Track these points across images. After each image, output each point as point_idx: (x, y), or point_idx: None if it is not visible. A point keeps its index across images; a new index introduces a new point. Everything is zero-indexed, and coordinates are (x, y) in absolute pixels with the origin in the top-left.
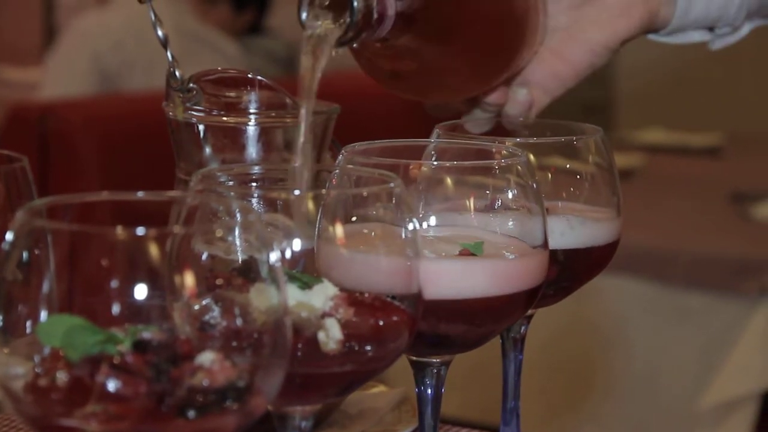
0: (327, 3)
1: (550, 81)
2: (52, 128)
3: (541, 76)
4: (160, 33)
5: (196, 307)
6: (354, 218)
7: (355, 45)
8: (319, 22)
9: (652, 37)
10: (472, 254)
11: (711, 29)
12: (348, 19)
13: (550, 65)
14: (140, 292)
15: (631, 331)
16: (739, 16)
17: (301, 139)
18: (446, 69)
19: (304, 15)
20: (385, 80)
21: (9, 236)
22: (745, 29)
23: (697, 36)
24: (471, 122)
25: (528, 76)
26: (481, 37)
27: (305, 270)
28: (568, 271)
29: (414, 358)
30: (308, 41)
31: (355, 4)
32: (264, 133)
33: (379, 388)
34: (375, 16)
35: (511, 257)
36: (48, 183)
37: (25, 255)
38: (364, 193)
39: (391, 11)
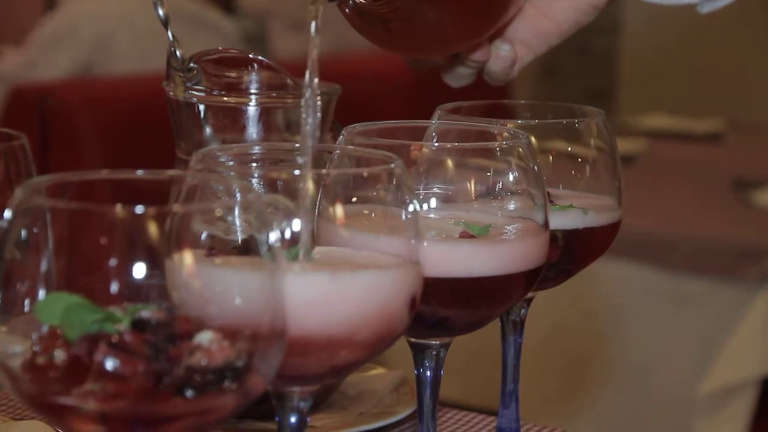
0: None
1: (534, 38)
2: (53, 109)
3: (526, 33)
4: (161, 12)
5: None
6: (354, 199)
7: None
8: None
9: None
10: (472, 236)
11: None
12: None
13: (535, 22)
14: (139, 270)
15: (631, 317)
16: None
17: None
18: (434, 25)
19: None
20: (374, 36)
21: (8, 214)
22: None
23: None
24: (451, 77)
25: (512, 32)
26: None
27: None
28: (569, 253)
29: (413, 339)
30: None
31: None
32: (264, 114)
33: (378, 370)
34: None
35: (511, 238)
36: (48, 164)
37: (23, 233)
38: (365, 174)
39: None
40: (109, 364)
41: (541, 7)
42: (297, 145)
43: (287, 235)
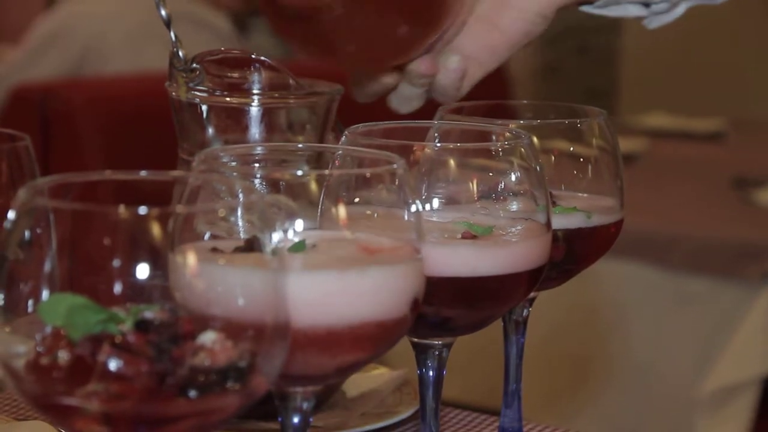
0: None
1: (483, 53)
2: (54, 109)
3: (474, 48)
4: (163, 13)
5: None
6: (357, 199)
7: None
8: None
9: (586, 8)
10: (474, 236)
11: (647, 5)
12: None
13: (483, 36)
14: (142, 271)
15: (632, 316)
16: None
17: None
18: (375, 30)
19: None
20: (304, 48)
21: (11, 215)
22: (681, 8)
23: (632, 10)
24: (399, 99)
25: (460, 48)
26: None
27: None
28: (571, 252)
29: (416, 339)
30: None
31: None
32: (267, 114)
33: (381, 370)
34: None
35: (514, 238)
36: (50, 164)
37: (27, 234)
38: (367, 174)
39: None
40: (113, 365)
41: (488, 20)
42: (300, 145)
43: (290, 235)
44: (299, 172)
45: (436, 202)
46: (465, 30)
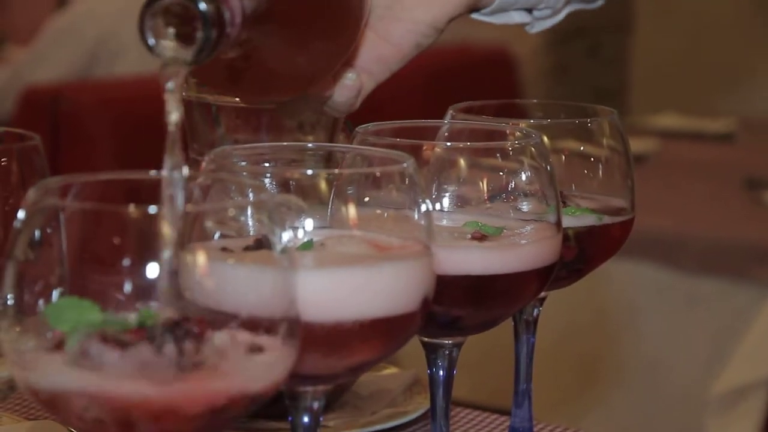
0: (168, 21)
1: (374, 65)
2: (64, 110)
3: (365, 60)
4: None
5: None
6: (366, 199)
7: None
8: (169, 43)
9: (475, 16)
10: (484, 236)
11: (530, 11)
12: (202, 34)
13: (374, 48)
14: (152, 270)
15: (642, 317)
16: None
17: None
18: (287, 65)
19: (151, 41)
20: (226, 86)
21: (21, 214)
22: (564, 13)
23: (517, 17)
24: (291, 113)
25: (351, 60)
26: (322, 21)
27: None
28: (581, 252)
29: (426, 339)
30: (166, 70)
31: (206, 13)
32: (277, 114)
33: (391, 370)
34: (227, 26)
35: (524, 238)
36: (59, 164)
37: (37, 233)
38: (377, 173)
39: (238, 18)
40: (123, 364)
41: (379, 32)
42: (310, 145)
43: (300, 234)
44: (309, 172)
45: (446, 202)
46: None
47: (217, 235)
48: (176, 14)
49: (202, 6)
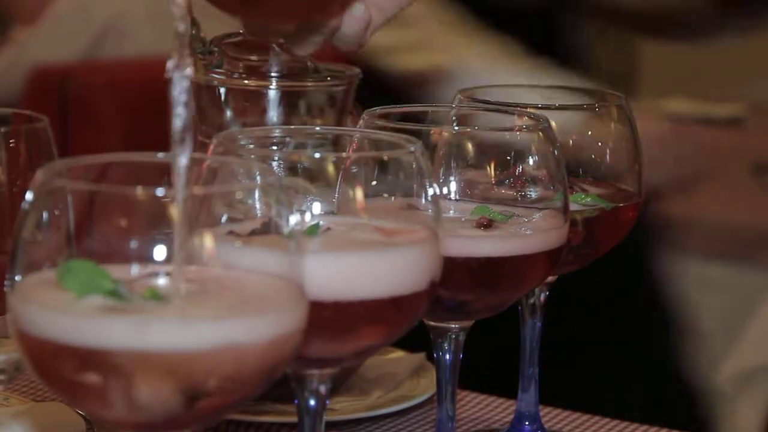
0: None
1: None
2: (73, 91)
3: None
4: None
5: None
6: (374, 182)
7: None
8: None
9: None
10: (491, 220)
11: None
12: None
13: None
14: (159, 253)
15: None
16: None
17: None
18: None
19: None
20: (233, 7)
21: (29, 196)
22: None
23: None
24: (299, 44)
25: None
26: None
27: None
28: (589, 236)
29: (432, 323)
30: None
31: None
32: (285, 97)
33: (398, 354)
34: None
35: (531, 222)
36: (68, 145)
37: (45, 215)
38: (385, 157)
39: None
40: None
41: None
42: (317, 128)
43: (307, 217)
44: (317, 155)
45: (453, 186)
46: None
47: (224, 218)
48: None
49: None
